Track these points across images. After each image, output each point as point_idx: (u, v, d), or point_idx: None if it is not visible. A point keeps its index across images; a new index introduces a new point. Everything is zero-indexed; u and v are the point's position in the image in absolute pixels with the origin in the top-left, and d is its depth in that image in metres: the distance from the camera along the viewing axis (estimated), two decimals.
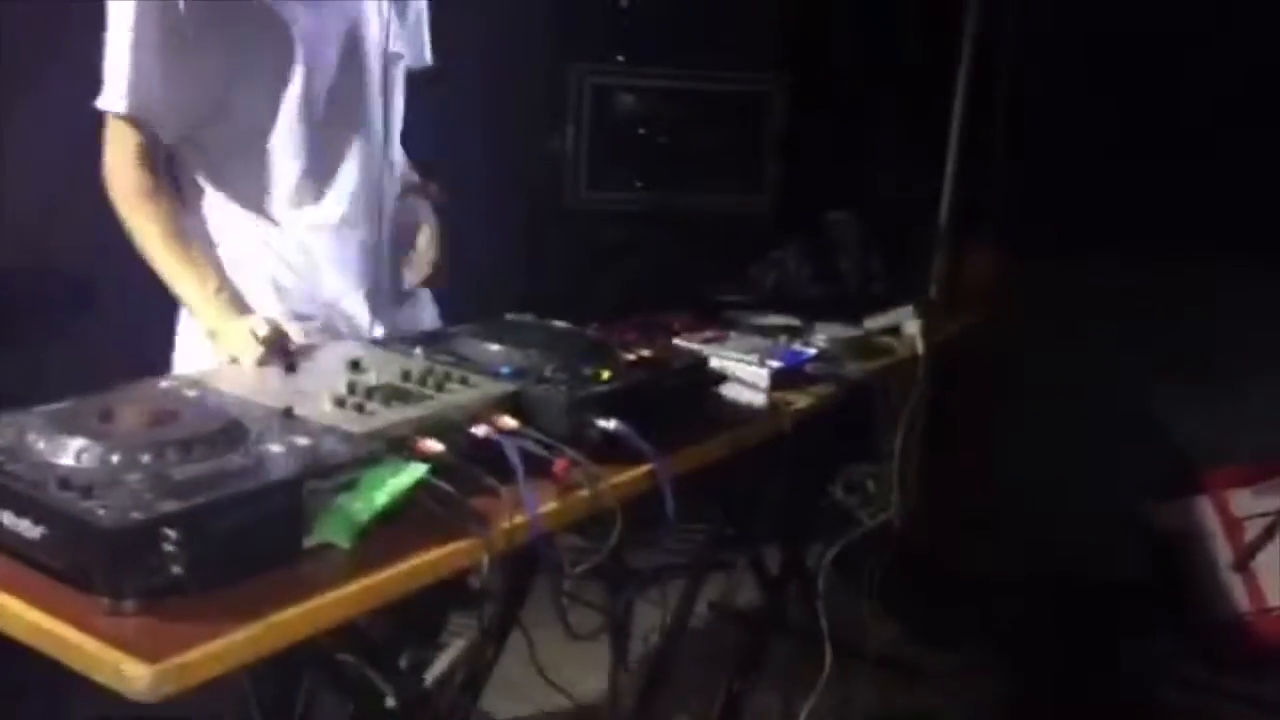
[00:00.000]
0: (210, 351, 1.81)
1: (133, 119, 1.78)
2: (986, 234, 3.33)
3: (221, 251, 1.91)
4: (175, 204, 1.86)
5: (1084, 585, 3.33)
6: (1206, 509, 3.25)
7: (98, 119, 1.80)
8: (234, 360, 1.67)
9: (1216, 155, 3.46)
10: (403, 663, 1.79)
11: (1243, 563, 3.10)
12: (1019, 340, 3.25)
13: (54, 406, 1.28)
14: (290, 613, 1.12)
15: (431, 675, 2.05)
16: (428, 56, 2.15)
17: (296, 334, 1.75)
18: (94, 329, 2.42)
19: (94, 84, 1.79)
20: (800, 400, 2.03)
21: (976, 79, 2.99)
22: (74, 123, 1.82)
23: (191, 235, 1.85)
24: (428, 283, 2.09)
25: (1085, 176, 3.54)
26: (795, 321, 2.39)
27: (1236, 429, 3.40)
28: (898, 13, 3.59)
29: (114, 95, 1.77)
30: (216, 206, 1.92)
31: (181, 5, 1.74)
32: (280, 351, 1.64)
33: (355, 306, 2.00)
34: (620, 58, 3.42)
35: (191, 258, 1.81)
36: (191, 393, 1.40)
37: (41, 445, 1.17)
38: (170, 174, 1.89)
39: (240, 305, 1.83)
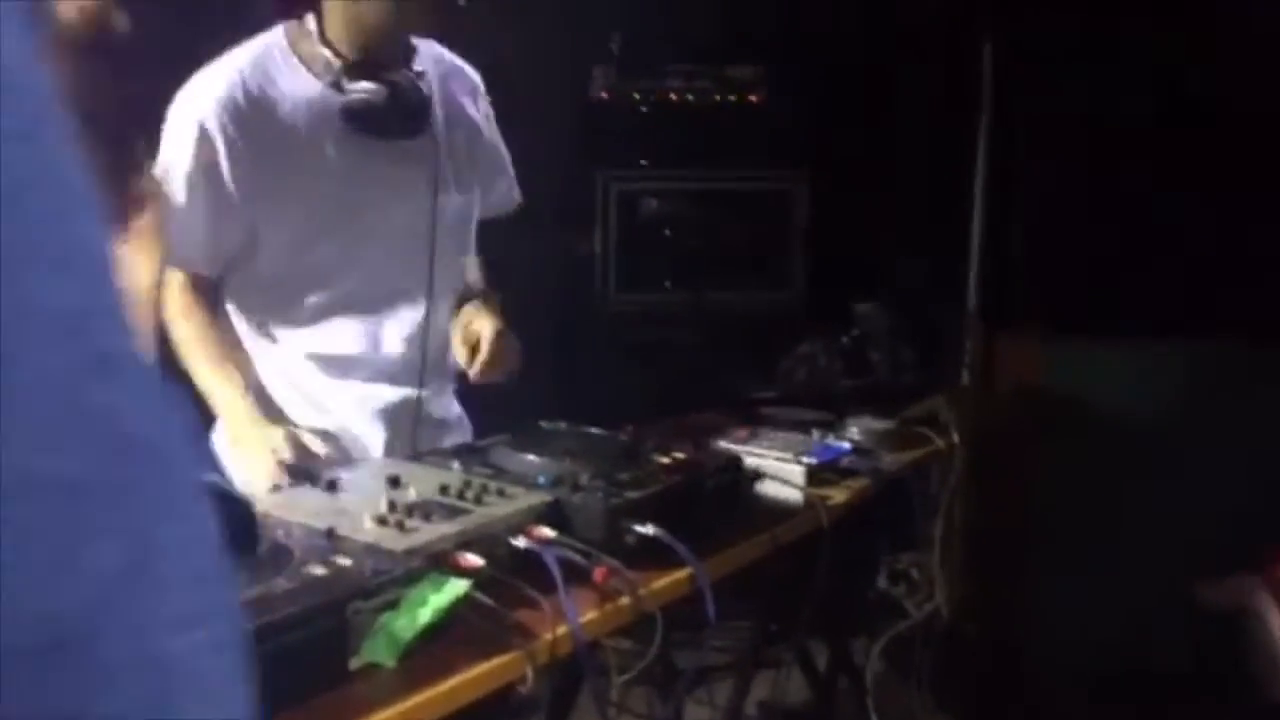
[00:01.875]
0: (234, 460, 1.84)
1: (174, 261, 1.87)
2: (1015, 318, 3.34)
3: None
4: (213, 318, 1.92)
5: (1142, 674, 3.25)
6: (1260, 586, 3.18)
7: None
8: (251, 468, 1.69)
9: (1247, 236, 3.46)
10: None
11: None
12: (1056, 422, 3.23)
13: None
14: None
15: None
16: (514, 197, 2.21)
17: (317, 446, 1.76)
18: None
19: None
20: (837, 495, 2.03)
21: (995, 164, 3.03)
22: None
23: (227, 344, 1.91)
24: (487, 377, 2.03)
25: (1110, 255, 3.55)
26: (828, 416, 2.40)
27: None
28: (914, 104, 3.66)
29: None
30: (250, 335, 1.99)
31: (226, 174, 1.83)
32: (301, 465, 1.67)
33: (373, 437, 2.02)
34: (644, 162, 3.50)
35: (222, 358, 1.87)
36: None
37: None
38: (215, 298, 1.96)
39: (266, 416, 1.86)
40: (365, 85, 1.84)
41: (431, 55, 2.01)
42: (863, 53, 3.71)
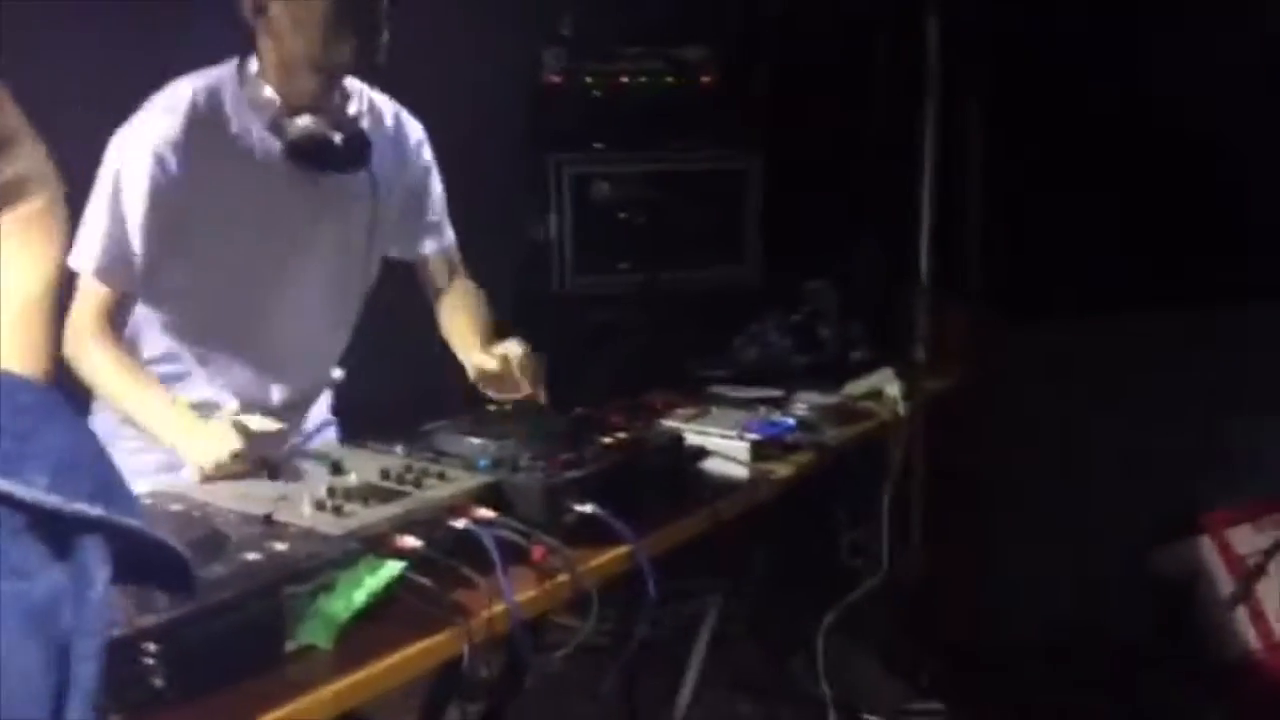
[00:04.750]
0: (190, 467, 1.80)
1: (105, 278, 1.84)
2: (966, 294, 3.38)
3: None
4: (126, 346, 1.90)
5: (1096, 637, 3.31)
6: (1209, 549, 3.25)
7: None
8: (208, 465, 1.66)
9: (1200, 203, 3.51)
10: None
11: (1241, 597, 3.09)
12: (1006, 398, 3.28)
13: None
14: (274, 716, 1.15)
15: None
16: (449, 234, 2.22)
17: (266, 424, 1.74)
18: None
19: None
20: (781, 469, 2.07)
21: (946, 140, 3.06)
22: None
23: (138, 364, 1.90)
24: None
25: (1061, 232, 3.59)
26: (777, 393, 2.44)
27: (1229, 471, 3.41)
28: (864, 81, 3.69)
29: (87, 257, 1.82)
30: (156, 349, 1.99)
31: (167, 176, 1.82)
32: (259, 451, 1.67)
33: None
34: (597, 145, 3.51)
35: (147, 379, 1.86)
36: (175, 506, 1.45)
37: None
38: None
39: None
40: (305, 121, 1.88)
41: (367, 102, 2.05)
42: (812, 31, 3.74)
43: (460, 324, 2.15)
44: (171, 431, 1.77)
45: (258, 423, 1.71)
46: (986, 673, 3.17)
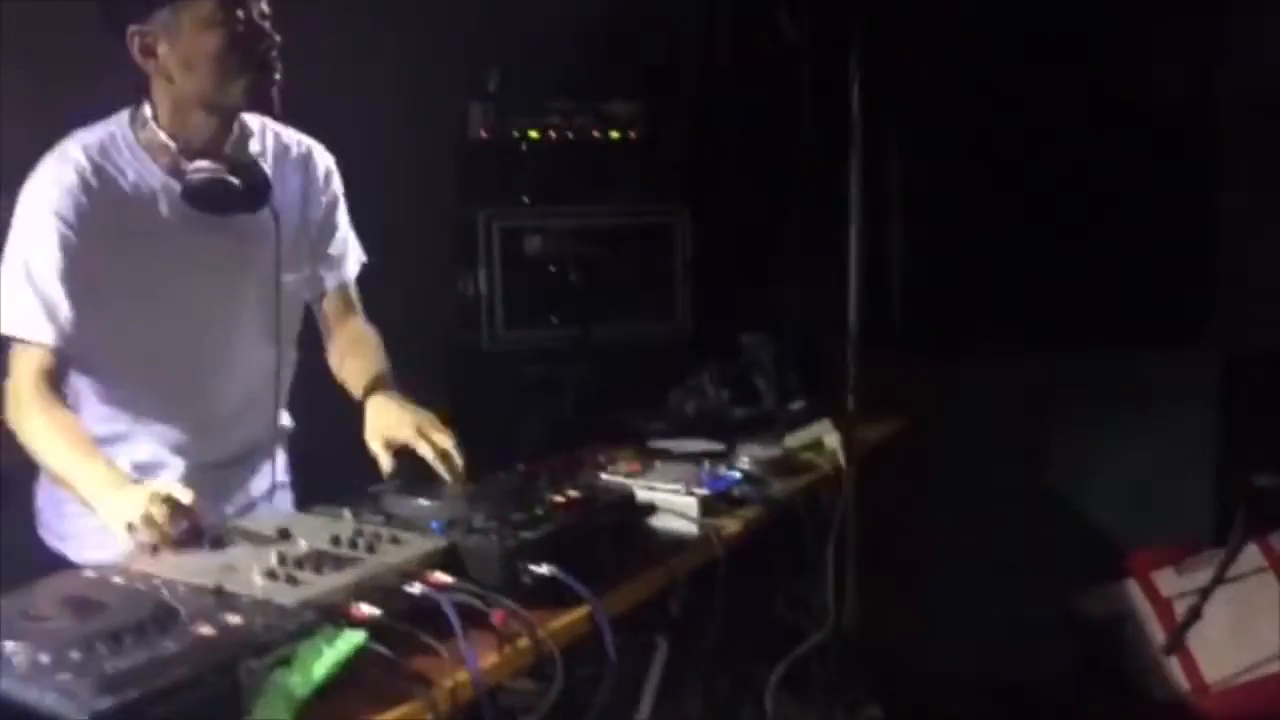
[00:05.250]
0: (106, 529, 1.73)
1: (33, 335, 1.81)
2: (895, 341, 3.43)
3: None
4: (65, 407, 1.85)
5: (1027, 681, 3.35)
6: (1135, 593, 3.31)
7: None
8: (130, 526, 1.59)
9: (1116, 247, 3.61)
10: None
11: (1175, 644, 3.14)
12: (935, 442, 3.32)
13: None
14: None
15: None
16: (348, 270, 2.19)
17: (185, 495, 1.64)
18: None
19: None
20: (730, 524, 2.06)
21: (870, 191, 3.12)
22: None
23: (75, 428, 1.84)
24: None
25: (986, 273, 3.67)
26: (718, 446, 2.43)
27: (1149, 512, 3.50)
28: (789, 135, 3.74)
29: (15, 322, 1.80)
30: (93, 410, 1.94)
31: (74, 235, 1.80)
32: (182, 520, 1.60)
33: None
34: (525, 199, 3.51)
35: (77, 441, 1.79)
36: (117, 579, 1.39)
37: None
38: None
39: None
40: (203, 164, 1.86)
41: (274, 140, 2.04)
42: (736, 86, 3.79)
43: (352, 370, 2.10)
44: (93, 493, 1.71)
45: (175, 490, 1.63)
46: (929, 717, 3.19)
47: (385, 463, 1.89)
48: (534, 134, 3.53)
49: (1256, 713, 3.04)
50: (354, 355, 2.13)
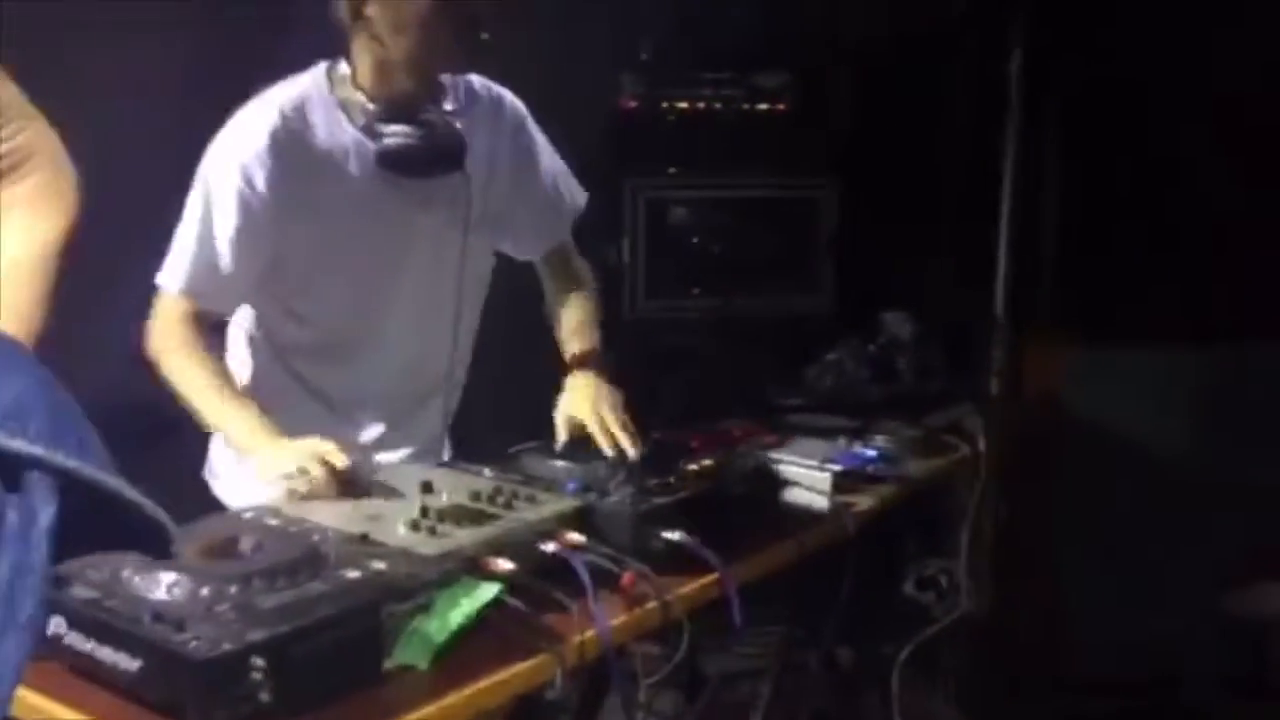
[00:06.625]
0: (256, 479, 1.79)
1: (189, 295, 1.87)
2: (1044, 326, 3.34)
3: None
4: (215, 353, 1.92)
5: (1172, 681, 3.24)
6: None
7: None
8: (289, 477, 1.66)
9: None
10: None
11: None
12: (1081, 430, 3.23)
13: None
14: None
15: None
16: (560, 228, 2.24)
17: (341, 460, 1.70)
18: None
19: None
20: (863, 502, 2.05)
21: (1024, 168, 3.03)
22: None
23: (230, 378, 1.91)
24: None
25: (1141, 260, 3.53)
26: (854, 423, 2.41)
27: None
28: (943, 109, 3.66)
29: (173, 276, 1.87)
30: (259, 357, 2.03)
31: (254, 194, 1.84)
32: (334, 473, 1.66)
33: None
34: (672, 169, 3.52)
35: (235, 394, 1.86)
36: (273, 522, 1.46)
37: (136, 580, 1.23)
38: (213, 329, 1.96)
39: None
40: (398, 128, 1.86)
41: (465, 91, 2.03)
42: (891, 58, 3.72)
43: (561, 334, 2.16)
44: (247, 442, 1.79)
45: (331, 453, 1.69)
46: (1060, 711, 3.12)
47: (561, 436, 1.93)
48: (683, 105, 3.53)
49: None
50: (563, 320, 2.19)
